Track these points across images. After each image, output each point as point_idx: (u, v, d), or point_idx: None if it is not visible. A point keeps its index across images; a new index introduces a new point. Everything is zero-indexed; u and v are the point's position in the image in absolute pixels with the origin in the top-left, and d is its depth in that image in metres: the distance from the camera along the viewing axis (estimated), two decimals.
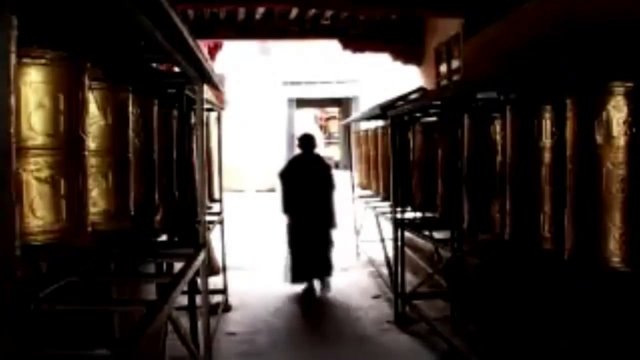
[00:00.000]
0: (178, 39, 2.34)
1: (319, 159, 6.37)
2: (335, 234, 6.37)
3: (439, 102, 4.58)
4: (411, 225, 5.07)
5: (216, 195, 5.49)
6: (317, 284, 6.23)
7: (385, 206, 6.36)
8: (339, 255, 8.11)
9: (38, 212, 1.85)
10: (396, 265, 5.23)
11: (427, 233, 4.72)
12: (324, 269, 6.17)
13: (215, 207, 5.41)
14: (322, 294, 6.13)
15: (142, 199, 2.80)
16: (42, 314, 2.03)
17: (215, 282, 5.67)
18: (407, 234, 5.08)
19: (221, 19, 7.53)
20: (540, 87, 3.00)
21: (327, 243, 6.19)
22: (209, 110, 5.04)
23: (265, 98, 17.21)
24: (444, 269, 5.09)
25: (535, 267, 2.94)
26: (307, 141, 6.30)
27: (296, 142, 6.75)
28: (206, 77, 3.31)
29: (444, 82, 7.32)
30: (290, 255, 6.21)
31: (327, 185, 6.19)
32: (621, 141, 2.30)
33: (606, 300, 2.47)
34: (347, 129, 10.50)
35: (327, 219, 6.14)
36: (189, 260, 2.83)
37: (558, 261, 2.66)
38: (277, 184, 6.89)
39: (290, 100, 17.69)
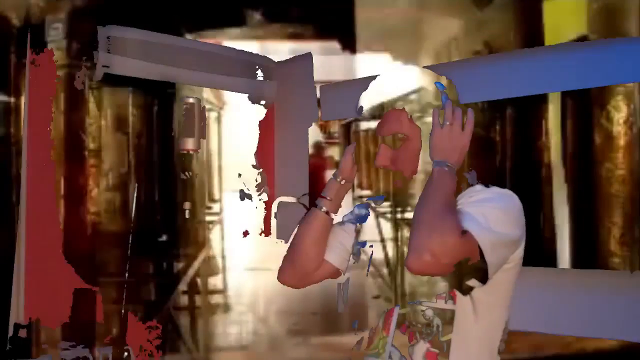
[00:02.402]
0: None
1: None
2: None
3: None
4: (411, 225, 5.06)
5: (216, 196, 5.48)
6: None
7: (386, 206, 6.36)
8: None
9: None
10: (396, 265, 5.23)
11: None
12: None
13: (215, 207, 5.40)
14: None
15: (142, 199, 2.80)
16: None
17: (215, 282, 5.67)
18: (407, 234, 5.08)
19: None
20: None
21: None
22: (209, 110, 5.03)
23: None
24: None
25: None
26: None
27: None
28: None
29: None
30: None
31: None
32: (621, 141, 2.29)
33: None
34: (347, 129, 10.52)
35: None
36: (189, 260, 2.82)
37: (557, 261, 2.65)
38: None
39: None
